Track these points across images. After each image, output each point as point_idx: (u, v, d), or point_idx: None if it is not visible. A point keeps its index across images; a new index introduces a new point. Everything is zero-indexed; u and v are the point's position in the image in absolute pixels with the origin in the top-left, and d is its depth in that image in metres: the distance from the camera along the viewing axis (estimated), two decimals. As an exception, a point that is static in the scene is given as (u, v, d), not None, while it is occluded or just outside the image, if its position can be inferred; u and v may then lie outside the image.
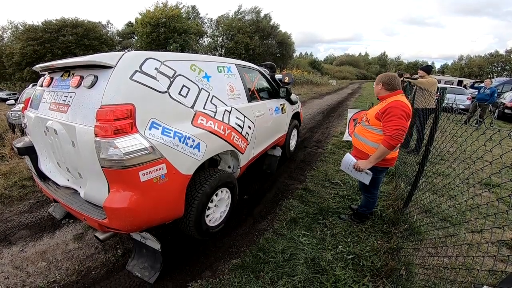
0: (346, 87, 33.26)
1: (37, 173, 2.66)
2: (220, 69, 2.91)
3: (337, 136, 6.84)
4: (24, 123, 2.69)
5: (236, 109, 2.90)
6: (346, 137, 6.28)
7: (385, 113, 2.32)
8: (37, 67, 2.56)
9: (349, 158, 2.62)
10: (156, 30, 30.44)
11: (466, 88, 16.50)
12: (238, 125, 2.88)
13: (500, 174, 1.71)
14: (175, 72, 2.25)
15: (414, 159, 3.60)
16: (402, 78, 6.38)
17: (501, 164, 3.64)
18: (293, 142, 5.28)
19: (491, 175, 1.83)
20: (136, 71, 1.95)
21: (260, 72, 3.98)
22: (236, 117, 2.87)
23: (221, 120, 2.62)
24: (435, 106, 2.91)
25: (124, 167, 1.77)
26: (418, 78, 5.49)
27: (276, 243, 2.66)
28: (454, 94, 11.66)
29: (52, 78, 2.43)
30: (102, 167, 1.81)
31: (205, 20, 39.77)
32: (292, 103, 4.78)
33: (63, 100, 2.13)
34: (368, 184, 2.59)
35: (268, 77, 4.13)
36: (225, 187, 2.74)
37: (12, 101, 7.92)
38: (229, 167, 3.17)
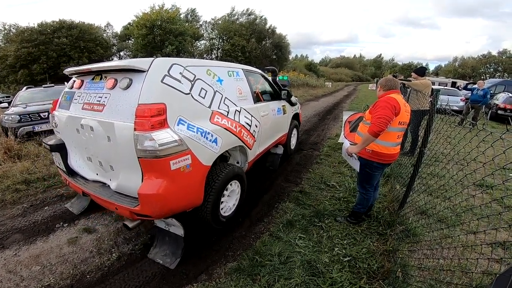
0: (342, 89, 33.45)
1: (66, 169, 2.88)
2: (230, 74, 3.22)
3: (333, 139, 6.87)
4: (55, 123, 2.90)
5: (244, 109, 3.20)
6: (342, 139, 6.27)
7: (374, 107, 2.56)
8: (68, 70, 2.81)
9: (346, 144, 2.79)
10: (152, 32, 30.37)
11: (459, 89, 16.67)
12: (247, 123, 3.18)
13: (494, 175, 1.73)
14: (195, 76, 2.53)
15: (409, 160, 3.63)
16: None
17: (494, 166, 3.67)
18: (293, 141, 5.53)
19: (484, 177, 1.85)
20: (165, 75, 2.24)
21: (263, 76, 4.27)
22: (245, 116, 3.17)
23: (233, 118, 2.91)
24: (429, 108, 2.93)
25: (158, 157, 2.03)
26: (412, 80, 5.52)
27: (273, 246, 2.66)
28: (448, 95, 11.79)
29: (82, 81, 2.66)
30: (138, 157, 2.06)
31: (201, 23, 39.78)
32: (292, 104, 5.05)
33: (97, 100, 2.37)
34: (358, 171, 2.78)
35: (270, 80, 4.42)
36: (236, 179, 2.98)
37: (5, 104, 7.84)
38: (237, 162, 3.41)
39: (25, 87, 8.37)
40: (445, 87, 15.83)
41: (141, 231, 3.00)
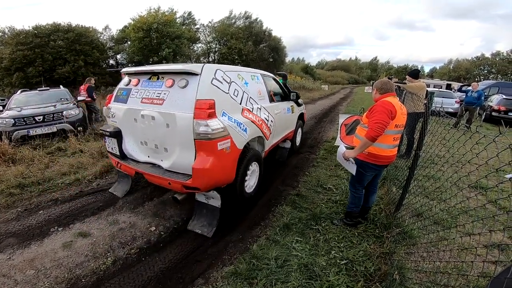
0: (338, 92, 33.60)
1: (120, 153, 3.34)
2: (252, 77, 3.85)
3: (329, 142, 6.88)
4: (112, 114, 3.39)
5: (263, 107, 3.81)
6: (338, 142, 6.28)
7: (370, 111, 2.59)
8: (126, 70, 3.39)
9: (341, 148, 2.83)
10: (149, 36, 30.35)
11: (454, 92, 16.83)
12: (266, 118, 3.80)
13: (489, 177, 1.75)
14: (231, 79, 3.11)
15: (405, 163, 3.65)
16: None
17: (487, 167, 3.71)
18: (298, 138, 6.14)
19: (479, 179, 1.86)
20: (213, 78, 2.83)
21: (275, 80, 4.90)
22: (264, 113, 3.78)
23: (256, 114, 3.54)
24: (424, 110, 2.96)
25: (209, 139, 2.60)
26: (407, 82, 5.56)
27: (270, 249, 2.65)
28: (443, 97, 11.88)
29: (139, 80, 3.19)
30: (194, 139, 2.62)
31: (198, 26, 39.82)
32: (298, 105, 5.67)
33: (157, 96, 2.90)
34: (354, 174, 2.81)
35: (281, 83, 5.08)
36: (256, 161, 3.55)
37: (0, 108, 7.75)
38: None
39: (20, 90, 8.32)
40: (440, 89, 15.98)
41: (136, 235, 2.98)
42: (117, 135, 3.31)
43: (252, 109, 3.47)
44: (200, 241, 2.89)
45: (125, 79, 3.39)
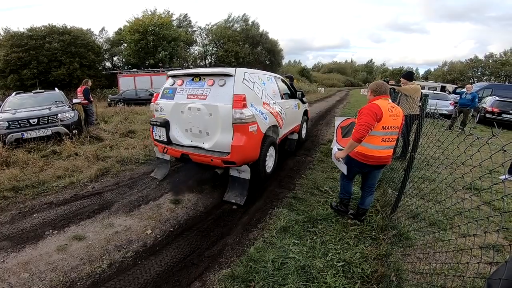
0: (334, 95, 33.79)
1: (167, 139, 4.06)
2: (268, 79, 4.75)
3: (325, 144, 6.89)
4: (161, 108, 4.12)
5: (277, 102, 4.62)
6: (334, 144, 6.30)
7: (359, 113, 2.76)
8: (172, 73, 4.23)
9: (334, 149, 3.06)
10: (145, 38, 30.31)
11: (449, 93, 16.99)
12: (279, 111, 4.62)
13: (483, 178, 1.77)
14: (254, 79, 3.99)
15: (400, 165, 3.67)
16: None
17: (481, 169, 3.75)
18: (304, 131, 7.01)
19: (473, 181, 1.88)
20: (243, 78, 3.71)
21: (284, 81, 5.75)
22: (277, 107, 4.58)
23: (273, 107, 4.37)
24: (419, 113, 2.98)
25: (243, 123, 3.47)
26: (401, 85, 5.60)
27: (267, 252, 2.64)
28: (437, 99, 11.98)
29: (183, 81, 4.03)
30: (233, 123, 3.46)
31: (195, 29, 39.86)
32: (303, 102, 6.58)
33: (200, 93, 3.75)
34: (345, 174, 3.10)
35: (289, 84, 5.95)
36: (272, 145, 4.35)
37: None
38: None
39: (14, 93, 8.22)
40: (435, 91, 16.12)
41: (132, 238, 2.96)
42: (166, 125, 4.04)
43: (269, 103, 4.31)
44: (196, 244, 2.88)
45: (170, 80, 4.21)
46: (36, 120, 6.27)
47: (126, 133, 7.67)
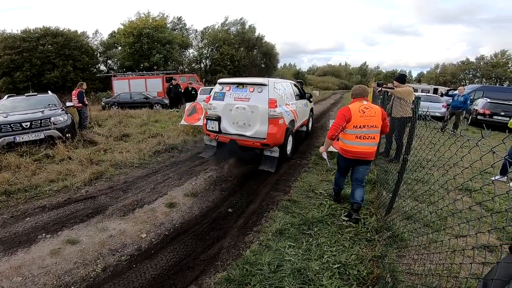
0: (329, 98, 33.91)
1: (218, 129, 5.44)
2: (287, 85, 6.29)
3: (320, 147, 6.92)
4: (213, 107, 5.53)
5: (293, 103, 6.18)
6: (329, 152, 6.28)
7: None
8: (222, 81, 5.69)
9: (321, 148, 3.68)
10: (139, 41, 30.18)
11: (441, 96, 17.21)
12: (295, 109, 6.16)
13: (474, 179, 1.80)
14: (279, 87, 5.52)
15: (394, 167, 3.71)
16: (380, 88, 6.59)
17: (473, 170, 3.81)
18: (310, 125, 8.70)
19: (465, 182, 1.91)
20: (274, 87, 5.18)
21: (296, 85, 7.37)
22: (294, 106, 6.13)
23: (291, 106, 5.91)
24: (411, 115, 3.02)
25: (275, 118, 4.95)
26: (394, 87, 5.65)
27: (263, 255, 2.64)
28: (430, 102, 12.12)
29: (230, 87, 5.43)
30: (268, 118, 4.92)
31: (190, 31, 39.80)
32: (310, 102, 8.44)
33: (244, 96, 5.18)
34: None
35: (299, 87, 7.65)
36: (291, 135, 5.85)
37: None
38: None
39: (6, 96, 8.11)
40: (427, 94, 16.31)
41: (127, 242, 2.93)
42: (218, 119, 5.45)
43: (289, 103, 5.87)
44: (192, 248, 2.87)
45: (219, 86, 5.66)
46: (28, 123, 6.18)
47: (120, 137, 7.61)
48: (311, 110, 8.85)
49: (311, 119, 8.83)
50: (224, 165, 5.38)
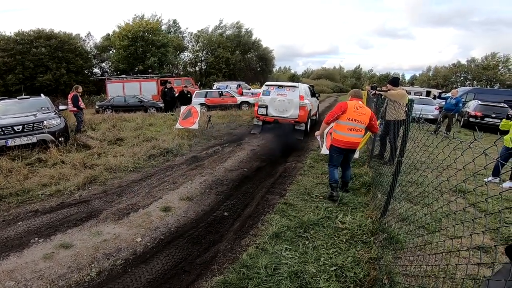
0: (324, 101, 33.99)
1: (266, 113, 8.73)
2: (306, 87, 10.00)
3: (315, 150, 6.92)
4: (263, 100, 8.77)
5: (309, 99, 9.35)
6: (324, 150, 6.27)
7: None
8: (269, 83, 9.38)
9: (316, 132, 4.56)
10: (134, 44, 30.07)
11: (434, 98, 17.42)
12: (311, 103, 9.60)
13: (468, 181, 1.83)
14: (304, 88, 9.56)
15: (389, 169, 3.74)
16: (374, 91, 6.66)
17: (466, 172, 3.86)
18: (316, 116, 11.78)
19: (458, 184, 1.94)
20: (303, 88, 9.22)
21: (309, 87, 10.82)
22: (309, 100, 9.24)
23: (310, 101, 9.31)
24: (405, 118, 3.06)
25: (303, 106, 8.57)
26: (388, 91, 5.70)
27: (259, 258, 2.63)
28: (423, 104, 12.27)
29: (274, 87, 8.94)
30: (299, 106, 8.51)
31: (185, 35, 39.77)
32: (317, 99, 12.60)
33: (283, 93, 8.76)
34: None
35: (311, 88, 11.26)
36: (309, 119, 9.30)
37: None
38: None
39: (-2, 99, 8.00)
40: (420, 97, 16.52)
41: (122, 246, 2.90)
42: (266, 107, 8.63)
43: (308, 99, 8.99)
44: (188, 251, 2.85)
45: (265, 87, 9.09)
46: (20, 127, 6.09)
47: (114, 141, 7.54)
48: (317, 106, 13.31)
49: (317, 112, 12.51)
50: (219, 168, 5.36)
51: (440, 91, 25.74)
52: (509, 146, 4.62)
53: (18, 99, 8.02)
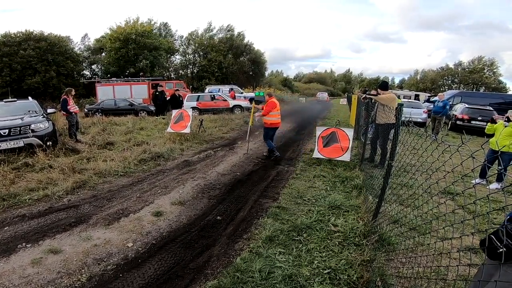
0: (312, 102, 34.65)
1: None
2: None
3: (307, 154, 6.95)
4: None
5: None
6: (316, 154, 6.29)
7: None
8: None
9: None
10: (126, 46, 29.81)
11: (424, 102, 17.80)
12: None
13: (456, 183, 1.87)
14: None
15: (379, 172, 3.79)
16: (365, 95, 6.76)
17: (454, 174, 3.94)
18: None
19: (447, 186, 1.98)
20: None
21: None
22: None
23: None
24: (395, 121, 3.12)
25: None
26: (378, 94, 5.80)
27: (253, 262, 2.62)
28: (412, 108, 12.50)
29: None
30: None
31: (176, 38, 39.66)
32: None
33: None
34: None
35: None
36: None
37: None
38: None
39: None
40: (409, 100, 16.85)
41: (113, 251, 2.84)
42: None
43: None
44: (181, 256, 2.81)
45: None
46: (7, 130, 5.92)
47: (104, 145, 7.42)
48: None
49: None
50: (212, 172, 5.34)
51: (429, 95, 26.30)
52: (495, 148, 4.76)
53: (5, 101, 7.82)
